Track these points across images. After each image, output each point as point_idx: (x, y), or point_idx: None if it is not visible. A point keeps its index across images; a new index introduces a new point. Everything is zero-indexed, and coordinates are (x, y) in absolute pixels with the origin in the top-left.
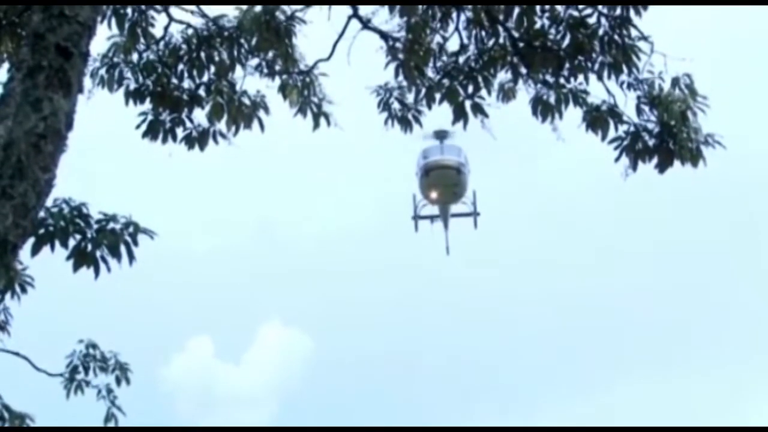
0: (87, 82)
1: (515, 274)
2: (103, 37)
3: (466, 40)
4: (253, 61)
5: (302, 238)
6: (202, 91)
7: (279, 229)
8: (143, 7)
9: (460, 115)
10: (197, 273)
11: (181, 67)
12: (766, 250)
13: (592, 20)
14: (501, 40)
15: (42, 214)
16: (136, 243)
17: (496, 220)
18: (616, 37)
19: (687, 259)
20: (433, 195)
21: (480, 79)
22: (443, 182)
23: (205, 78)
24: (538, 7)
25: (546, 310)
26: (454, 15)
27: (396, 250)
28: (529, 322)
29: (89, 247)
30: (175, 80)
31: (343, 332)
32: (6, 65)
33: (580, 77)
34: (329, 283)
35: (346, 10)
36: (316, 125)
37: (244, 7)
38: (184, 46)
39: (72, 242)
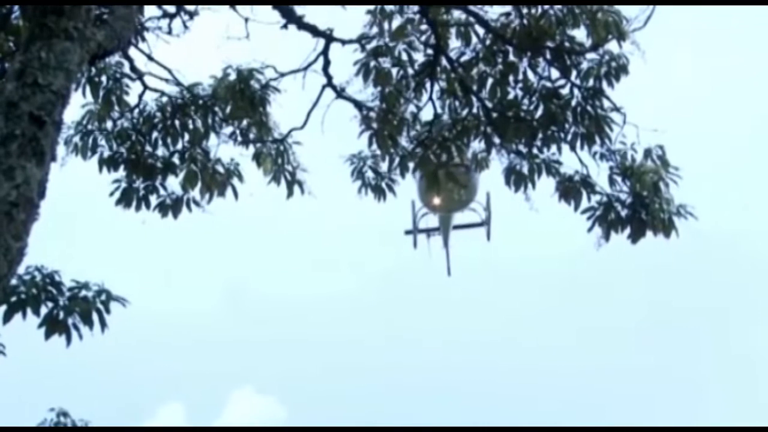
0: (61, 149)
1: (542, 300)
2: (78, 105)
3: (439, 110)
4: (228, 129)
5: (276, 304)
6: (176, 159)
7: (252, 296)
8: (118, 75)
9: (433, 183)
10: (169, 338)
11: (155, 134)
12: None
13: (564, 91)
14: (474, 110)
15: (14, 281)
16: (108, 310)
17: (513, 230)
18: (588, 108)
19: None
20: (436, 201)
21: (453, 148)
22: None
23: (179, 146)
24: (511, 78)
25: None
26: (428, 85)
27: (378, 312)
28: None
29: (61, 314)
30: (149, 148)
31: (318, 401)
32: None
33: (553, 147)
34: (304, 350)
35: (320, 79)
36: (290, 193)
37: (219, 75)
38: (158, 114)
39: (44, 310)
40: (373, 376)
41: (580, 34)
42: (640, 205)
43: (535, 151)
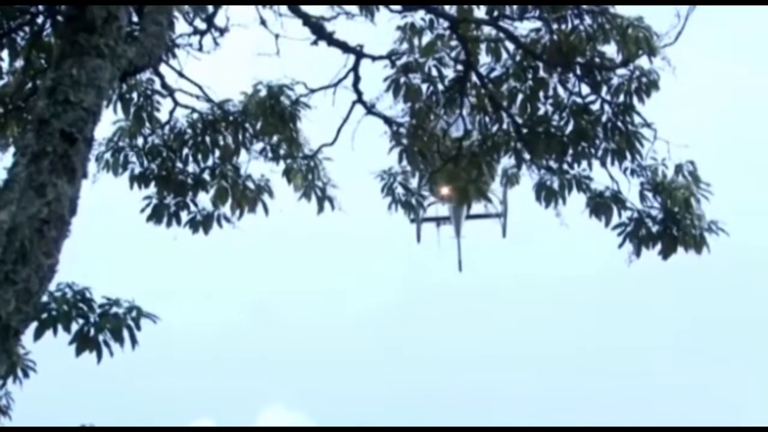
0: (92, 166)
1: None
2: (109, 122)
3: (469, 126)
4: (258, 146)
5: (305, 320)
6: (206, 175)
7: (282, 311)
8: (149, 91)
9: (463, 199)
10: (200, 354)
11: (185, 151)
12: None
13: (595, 107)
14: (504, 126)
15: (45, 298)
16: (138, 327)
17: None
18: (619, 123)
19: None
20: (445, 191)
21: (483, 164)
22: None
23: (209, 162)
24: (541, 94)
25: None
26: (458, 101)
27: (405, 327)
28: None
29: (92, 331)
30: (179, 164)
31: (348, 417)
32: (11, 150)
33: (584, 163)
34: (334, 366)
35: (350, 95)
36: (321, 209)
37: (249, 91)
38: (189, 131)
39: (75, 327)
40: (403, 391)
41: (610, 49)
42: (672, 221)
43: (565, 167)
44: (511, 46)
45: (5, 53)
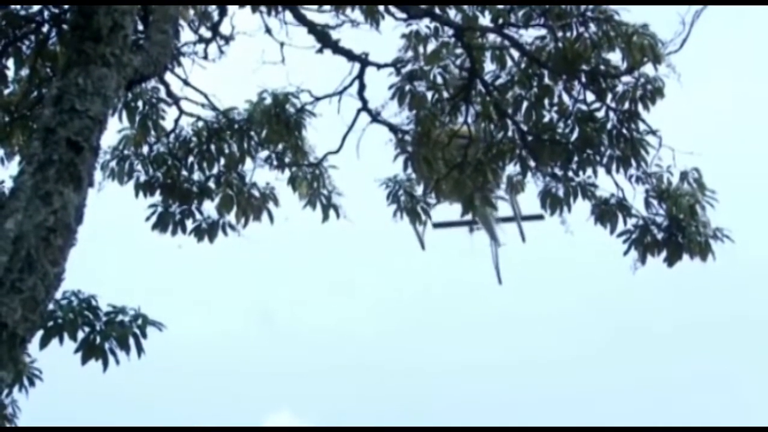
0: (98, 174)
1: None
2: (114, 130)
3: (474, 133)
4: (263, 154)
5: (312, 327)
6: (211, 183)
7: (288, 319)
8: (154, 100)
9: (468, 207)
10: (204, 362)
11: (191, 159)
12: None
13: (600, 114)
14: (510, 133)
15: (51, 306)
16: (144, 335)
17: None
18: (624, 131)
19: None
20: (449, 189)
21: (488, 171)
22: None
23: (215, 170)
24: (546, 101)
25: None
26: (463, 108)
27: (415, 335)
28: None
29: (98, 339)
30: (185, 172)
31: (356, 424)
32: (17, 158)
33: (589, 170)
34: (341, 374)
35: (355, 103)
36: (326, 217)
37: (254, 99)
38: (194, 139)
39: (81, 335)
40: (411, 400)
41: (615, 57)
42: (677, 228)
43: (570, 174)
44: (516, 54)
45: (11, 62)
